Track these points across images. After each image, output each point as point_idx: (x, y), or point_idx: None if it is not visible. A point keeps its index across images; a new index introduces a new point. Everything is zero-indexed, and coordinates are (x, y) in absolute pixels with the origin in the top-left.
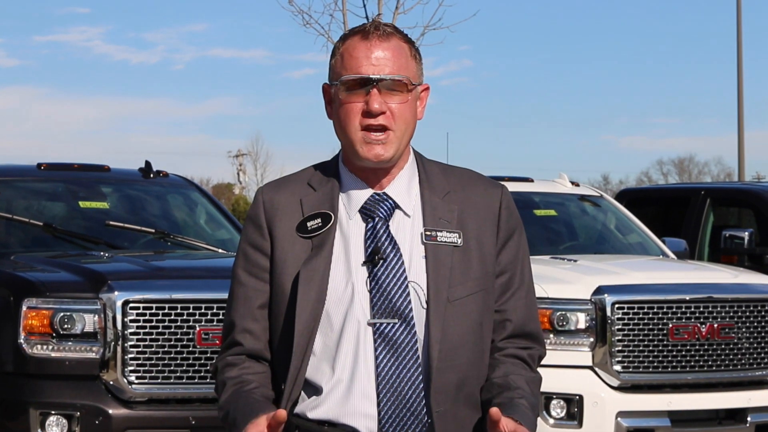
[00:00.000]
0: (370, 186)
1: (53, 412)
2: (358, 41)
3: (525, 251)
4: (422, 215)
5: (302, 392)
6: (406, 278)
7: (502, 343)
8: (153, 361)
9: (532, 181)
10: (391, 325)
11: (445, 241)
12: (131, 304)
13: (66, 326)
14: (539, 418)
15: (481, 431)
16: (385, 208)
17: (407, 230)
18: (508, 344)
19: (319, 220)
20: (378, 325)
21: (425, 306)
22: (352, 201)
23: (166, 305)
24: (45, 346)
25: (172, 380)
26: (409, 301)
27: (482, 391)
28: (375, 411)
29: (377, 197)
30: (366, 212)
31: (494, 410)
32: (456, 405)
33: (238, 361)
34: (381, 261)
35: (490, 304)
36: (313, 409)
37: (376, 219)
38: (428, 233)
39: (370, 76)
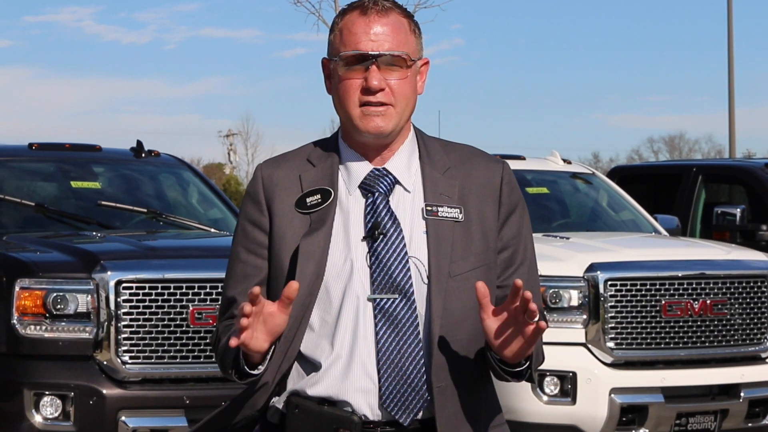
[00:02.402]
0: (370, 161)
1: (47, 392)
2: (356, 16)
3: (527, 227)
4: (423, 190)
5: (301, 369)
6: (406, 253)
7: None
8: (146, 341)
9: (524, 158)
10: (392, 300)
11: (446, 216)
12: (124, 284)
13: (59, 306)
14: (533, 396)
15: (482, 407)
16: (386, 183)
17: (407, 205)
18: None
19: (318, 196)
20: (378, 300)
21: (426, 281)
22: (351, 176)
23: (159, 285)
24: (38, 327)
25: (165, 360)
26: (410, 276)
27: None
28: (375, 387)
29: (377, 173)
30: (366, 188)
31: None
32: (457, 380)
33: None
34: (381, 236)
35: (492, 279)
36: (312, 385)
37: (376, 194)
38: (429, 208)
39: (369, 52)
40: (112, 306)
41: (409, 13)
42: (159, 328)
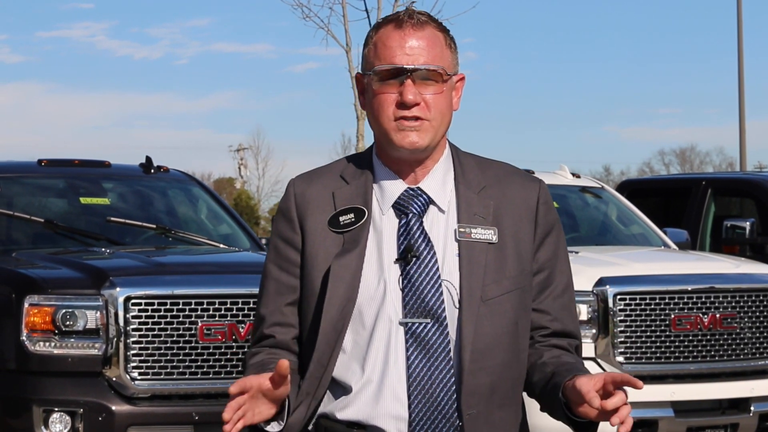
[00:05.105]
0: (404, 179)
1: (56, 409)
2: (391, 30)
3: (564, 248)
4: (457, 211)
5: (330, 391)
6: (439, 277)
7: (541, 338)
8: (155, 357)
9: (532, 173)
10: (423, 324)
11: (480, 238)
12: (133, 300)
13: (68, 323)
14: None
15: None
16: (419, 203)
17: (441, 227)
18: (547, 339)
19: (351, 215)
20: (410, 324)
21: (458, 306)
22: (385, 196)
23: (168, 301)
24: (47, 343)
25: (174, 376)
26: (442, 301)
27: (534, 373)
28: (406, 413)
29: (411, 192)
30: (399, 208)
31: (581, 381)
32: (489, 407)
33: (266, 349)
34: (414, 259)
35: (527, 303)
36: (342, 409)
37: (410, 215)
38: (462, 230)
39: (404, 66)
40: (122, 322)
41: (445, 27)
42: (168, 344)
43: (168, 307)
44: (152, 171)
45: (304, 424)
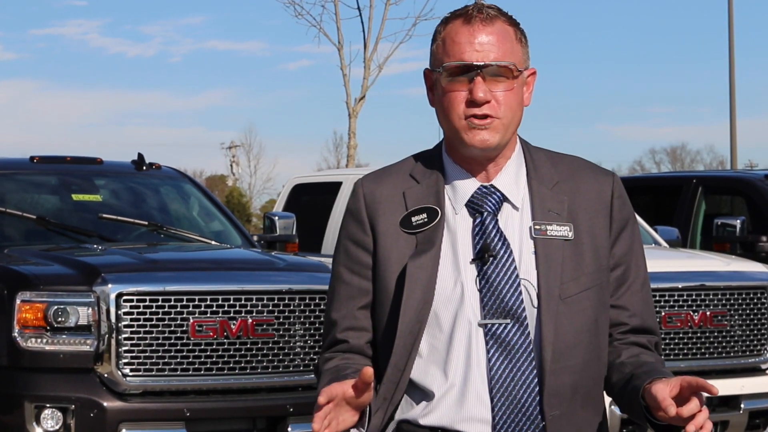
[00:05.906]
0: (477, 177)
1: (48, 405)
2: (460, 25)
3: (639, 242)
4: (531, 208)
5: (409, 397)
6: (517, 276)
7: (619, 335)
8: (147, 354)
9: None
10: (504, 325)
11: (556, 235)
12: (125, 297)
13: (60, 319)
14: None
15: None
16: (493, 201)
17: (516, 224)
18: (626, 336)
19: (424, 215)
20: (489, 326)
21: (536, 305)
22: (458, 194)
23: (160, 297)
24: (39, 340)
25: (166, 372)
26: (521, 301)
27: (613, 373)
28: (489, 415)
29: (484, 190)
30: (473, 206)
31: (658, 387)
32: (572, 407)
33: (340, 354)
34: (491, 258)
35: (605, 299)
36: (425, 415)
37: (485, 214)
38: (537, 227)
39: (474, 63)
40: (113, 318)
41: (515, 21)
42: (159, 341)
43: (159, 303)
44: (144, 168)
45: (382, 429)
